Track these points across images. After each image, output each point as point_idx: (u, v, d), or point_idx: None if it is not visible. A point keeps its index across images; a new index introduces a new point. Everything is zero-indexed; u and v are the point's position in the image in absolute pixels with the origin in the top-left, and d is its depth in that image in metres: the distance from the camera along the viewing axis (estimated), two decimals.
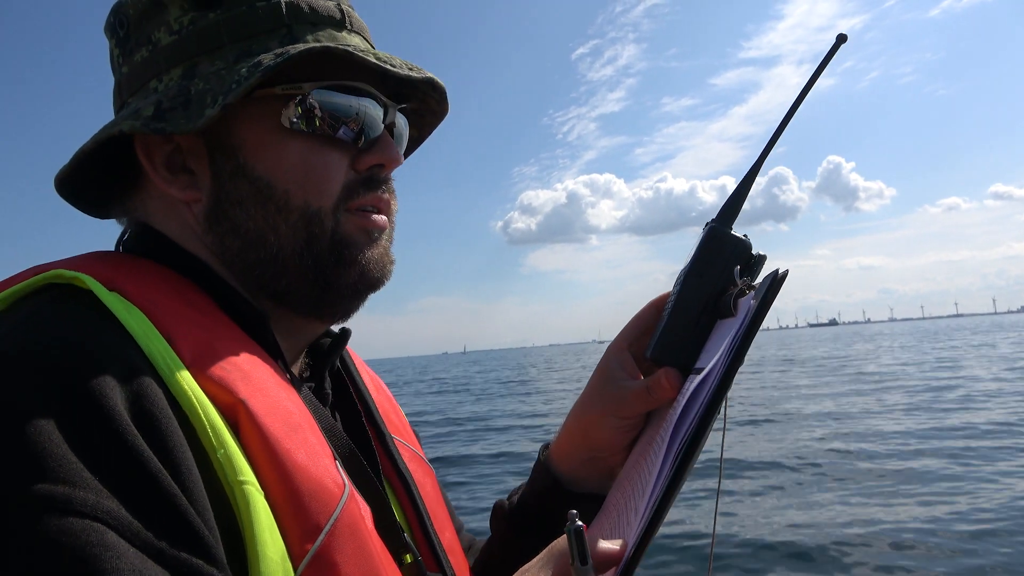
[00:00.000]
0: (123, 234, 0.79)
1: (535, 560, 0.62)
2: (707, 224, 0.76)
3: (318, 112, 0.72)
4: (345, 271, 0.75)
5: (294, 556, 0.55)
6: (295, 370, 0.81)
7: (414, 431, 1.01)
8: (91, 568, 0.42)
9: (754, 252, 0.75)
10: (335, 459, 0.65)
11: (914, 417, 12.69)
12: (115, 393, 0.50)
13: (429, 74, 0.78)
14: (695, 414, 0.61)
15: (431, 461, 0.97)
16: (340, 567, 0.57)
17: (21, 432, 0.45)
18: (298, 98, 0.72)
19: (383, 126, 0.77)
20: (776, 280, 0.61)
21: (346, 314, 0.80)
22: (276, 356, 0.71)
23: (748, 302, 0.66)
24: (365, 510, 0.65)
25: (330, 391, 0.83)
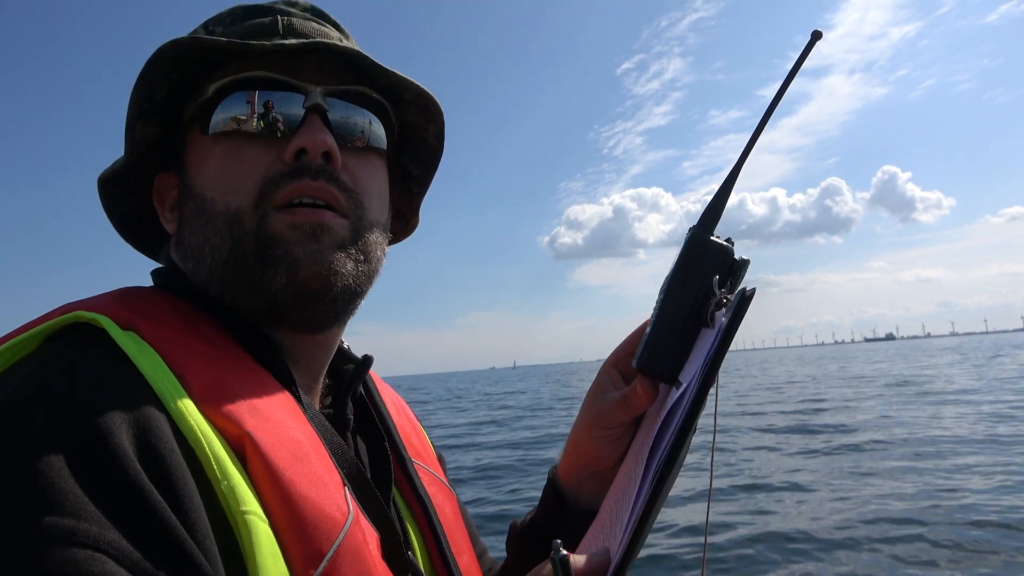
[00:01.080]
0: (155, 271, 0.82)
1: None
2: (689, 230, 0.75)
3: (229, 112, 0.73)
4: (271, 273, 0.71)
5: None
6: (316, 396, 0.83)
7: (439, 455, 1.04)
8: None
9: (737, 257, 0.73)
10: (344, 485, 0.66)
11: None
12: (121, 431, 0.52)
13: (317, 41, 0.74)
14: (672, 430, 0.62)
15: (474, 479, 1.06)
16: None
17: (32, 467, 0.47)
18: (200, 102, 0.74)
19: (303, 109, 0.74)
20: (744, 298, 0.60)
21: (312, 323, 0.76)
22: (288, 383, 0.72)
23: (722, 317, 0.65)
24: (371, 534, 0.66)
25: (351, 416, 0.84)
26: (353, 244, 0.75)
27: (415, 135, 0.89)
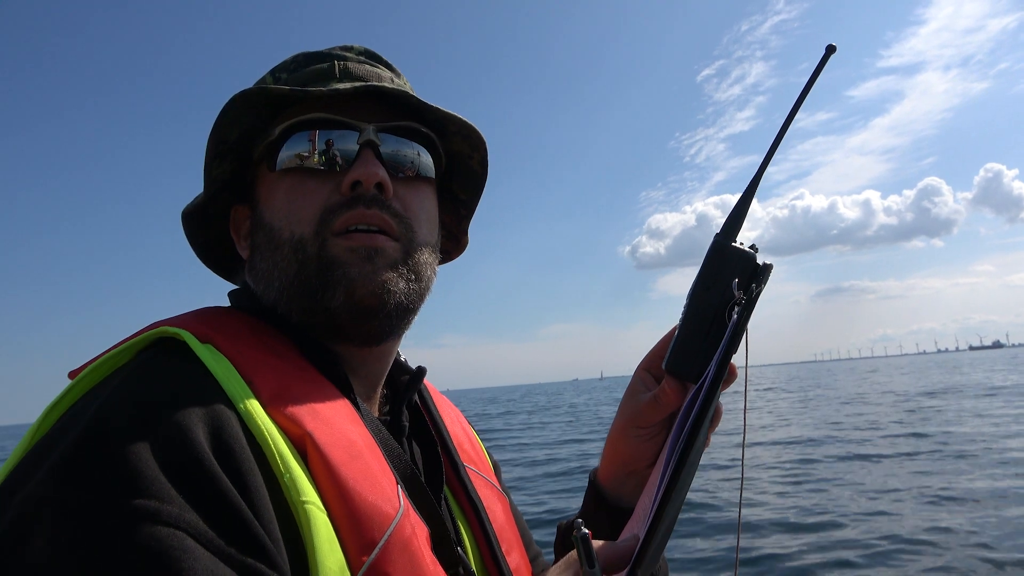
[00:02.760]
0: (231, 292, 0.92)
1: (553, 568, 0.72)
2: (713, 238, 0.78)
3: (293, 150, 0.81)
4: (331, 293, 0.78)
5: (353, 567, 0.62)
6: (374, 404, 0.90)
7: (495, 464, 1.10)
8: (174, 566, 0.51)
9: (760, 262, 0.76)
10: (397, 483, 0.72)
11: None
12: (198, 427, 0.60)
13: (369, 84, 0.82)
14: (689, 423, 0.65)
15: None
16: None
17: (123, 458, 0.55)
18: (268, 142, 0.83)
19: (358, 145, 0.82)
20: (748, 301, 0.65)
21: (369, 337, 0.84)
22: (347, 391, 0.78)
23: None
24: (420, 529, 0.71)
25: (407, 423, 0.91)
26: (404, 264, 0.83)
27: (462, 163, 0.96)
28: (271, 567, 0.57)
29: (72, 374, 0.73)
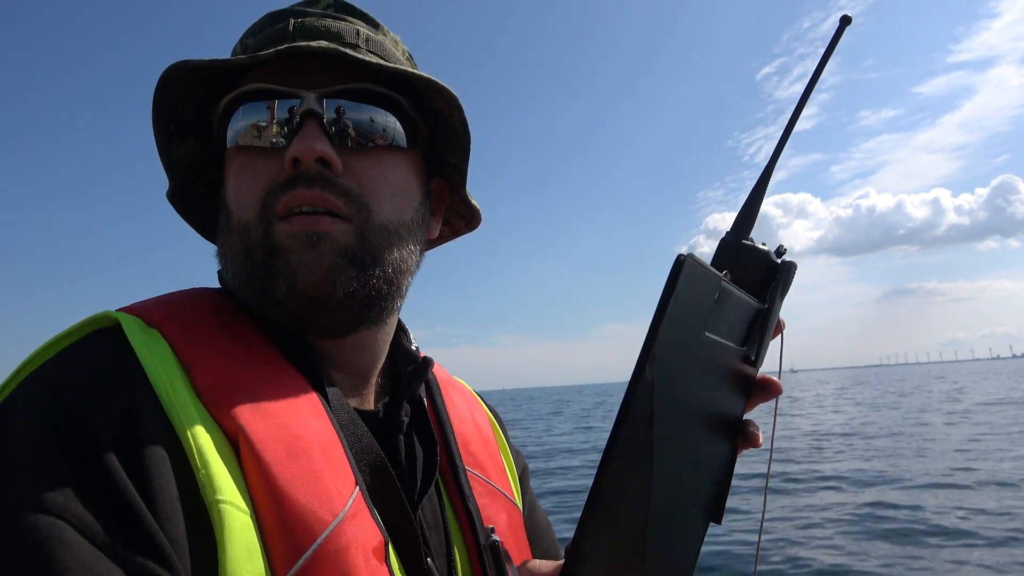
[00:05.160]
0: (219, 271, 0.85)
1: None
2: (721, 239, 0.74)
3: (237, 125, 0.75)
4: (275, 283, 0.72)
5: None
6: (367, 397, 0.84)
7: (521, 470, 1.04)
8: (49, 557, 0.49)
9: (778, 261, 0.70)
10: (356, 484, 0.67)
11: None
12: (99, 414, 0.56)
13: (292, 46, 0.71)
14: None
15: None
16: None
17: (15, 445, 0.54)
18: (216, 119, 0.78)
19: (298, 116, 0.73)
20: (676, 263, 0.53)
21: (328, 329, 0.77)
22: (315, 383, 0.73)
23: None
24: (370, 535, 0.65)
25: (405, 418, 0.84)
26: (360, 248, 0.74)
27: (445, 122, 0.84)
28: (163, 565, 0.53)
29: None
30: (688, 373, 0.57)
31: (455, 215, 0.98)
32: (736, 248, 0.68)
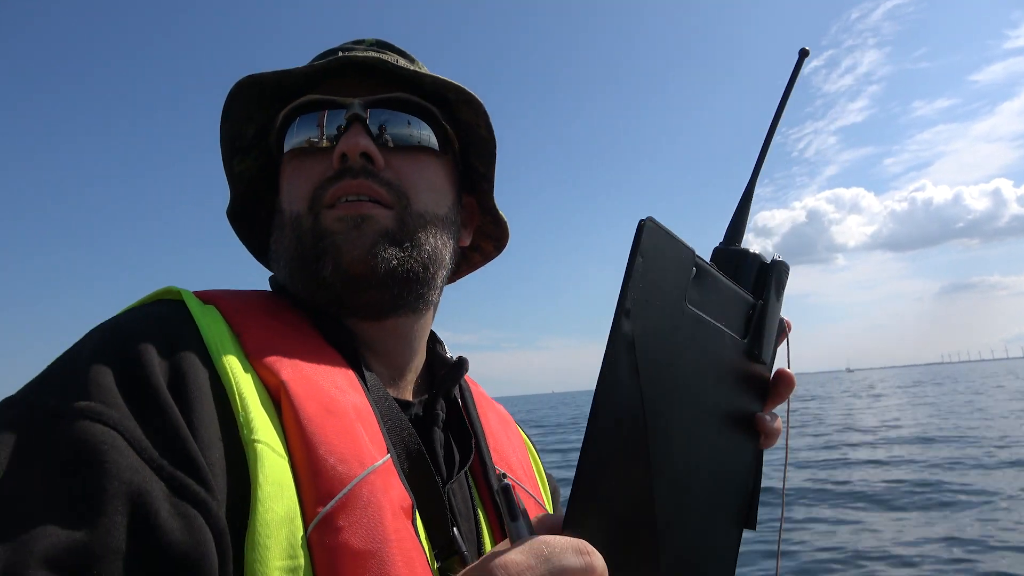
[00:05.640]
0: (271, 278, 0.94)
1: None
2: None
3: (293, 135, 0.86)
4: (323, 262, 0.80)
5: (307, 517, 0.62)
6: (404, 390, 0.90)
7: (550, 483, 1.06)
8: (99, 458, 0.54)
9: (769, 260, 0.72)
10: (388, 451, 0.71)
11: None
12: (156, 354, 0.63)
13: (343, 56, 0.84)
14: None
15: None
16: (347, 532, 0.63)
17: (84, 371, 0.60)
18: (275, 132, 0.88)
19: (345, 120, 0.84)
20: (638, 225, 0.54)
21: (368, 308, 0.84)
22: (354, 363, 0.79)
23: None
24: (398, 496, 0.69)
25: (441, 412, 0.89)
26: (400, 232, 0.82)
27: (474, 133, 0.93)
28: (200, 484, 0.58)
29: None
30: (673, 340, 0.57)
31: (485, 238, 1.06)
32: (729, 253, 0.71)
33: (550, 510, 1.00)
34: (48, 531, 0.50)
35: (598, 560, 0.47)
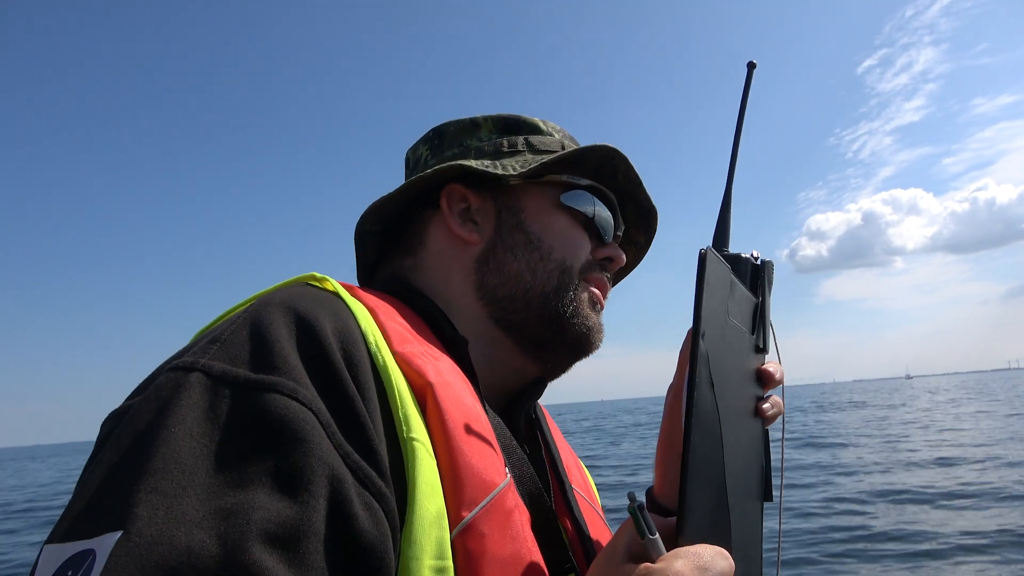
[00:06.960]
0: (362, 278, 1.03)
1: (605, 550, 0.62)
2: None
3: (585, 204, 0.97)
4: (573, 324, 0.92)
5: (452, 519, 0.63)
6: (492, 403, 0.89)
7: (597, 494, 1.12)
8: (304, 437, 0.55)
9: (757, 262, 0.81)
10: (505, 465, 0.73)
11: None
12: (335, 337, 0.64)
13: (655, 207, 1.05)
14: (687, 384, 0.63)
15: None
16: (489, 539, 0.64)
17: (272, 344, 0.61)
18: (574, 188, 0.97)
19: (617, 233, 1.02)
20: (701, 256, 0.62)
21: (557, 366, 0.96)
22: (471, 376, 0.81)
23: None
24: (522, 511, 0.71)
25: (523, 430, 0.93)
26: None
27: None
28: (381, 478, 0.59)
29: None
30: (724, 351, 0.65)
31: None
32: (726, 258, 0.78)
33: (603, 516, 1.05)
34: (260, 502, 0.51)
35: (732, 562, 0.54)
